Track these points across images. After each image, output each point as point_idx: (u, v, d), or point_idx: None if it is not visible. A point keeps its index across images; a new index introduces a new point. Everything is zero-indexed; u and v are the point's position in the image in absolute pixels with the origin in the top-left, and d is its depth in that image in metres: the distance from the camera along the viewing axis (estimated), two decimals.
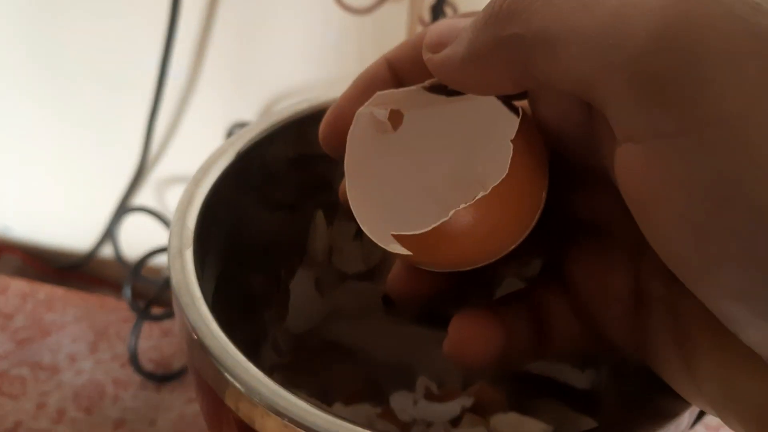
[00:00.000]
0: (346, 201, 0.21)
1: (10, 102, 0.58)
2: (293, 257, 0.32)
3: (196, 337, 0.21)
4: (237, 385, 0.20)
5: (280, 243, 0.31)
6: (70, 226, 0.64)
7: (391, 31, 0.47)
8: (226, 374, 0.20)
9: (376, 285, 0.33)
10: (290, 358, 0.32)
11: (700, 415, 0.31)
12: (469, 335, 0.22)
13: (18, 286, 0.56)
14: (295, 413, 0.19)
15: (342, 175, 0.28)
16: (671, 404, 0.21)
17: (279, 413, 0.19)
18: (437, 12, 0.44)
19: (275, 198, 0.30)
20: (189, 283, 0.22)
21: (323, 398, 0.32)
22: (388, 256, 0.24)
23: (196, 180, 0.25)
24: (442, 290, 0.23)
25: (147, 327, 0.52)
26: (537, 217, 0.20)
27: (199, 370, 0.21)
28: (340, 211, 0.32)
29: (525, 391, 0.33)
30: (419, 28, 0.45)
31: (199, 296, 0.22)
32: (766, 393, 0.16)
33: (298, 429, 0.19)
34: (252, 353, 0.21)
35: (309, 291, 0.33)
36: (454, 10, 0.45)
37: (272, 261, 0.31)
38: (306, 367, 0.33)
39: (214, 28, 0.50)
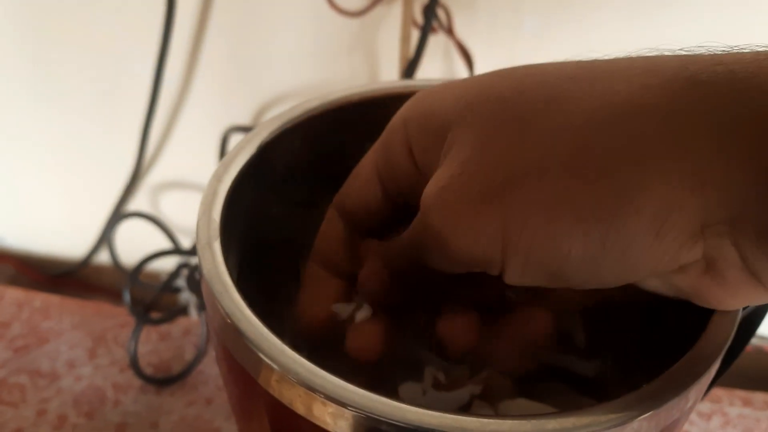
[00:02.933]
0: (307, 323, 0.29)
1: (2, 109, 0.58)
2: (310, 253, 0.33)
3: (230, 321, 0.21)
4: (272, 365, 0.20)
5: (298, 239, 0.32)
6: (64, 234, 0.64)
7: (384, 33, 0.48)
8: (261, 355, 0.21)
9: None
10: (307, 353, 0.33)
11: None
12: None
13: (13, 294, 0.56)
14: (331, 390, 0.20)
15: None
16: (675, 383, 0.21)
17: (314, 390, 0.20)
18: (429, 13, 0.45)
19: (292, 193, 0.31)
20: (220, 272, 0.23)
21: None
22: None
23: (218, 175, 0.26)
24: None
25: (145, 331, 0.53)
26: None
27: (232, 354, 0.22)
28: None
29: (532, 378, 0.34)
30: (412, 30, 0.46)
31: (230, 284, 0.22)
32: None
33: (335, 405, 0.20)
34: None
35: None
36: (446, 11, 0.46)
37: (290, 257, 0.32)
38: (321, 362, 0.33)
39: (208, 33, 0.51)
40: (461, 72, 0.48)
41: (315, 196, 0.32)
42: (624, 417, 0.20)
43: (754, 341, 0.55)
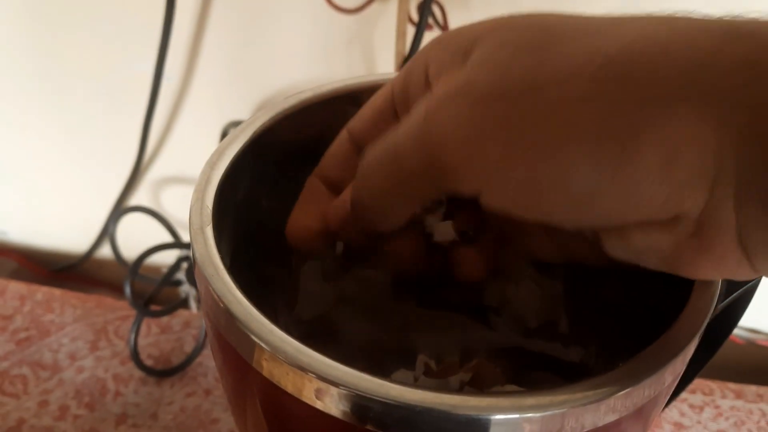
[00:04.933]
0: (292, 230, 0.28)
1: (5, 105, 0.59)
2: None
3: (222, 305, 0.22)
4: (263, 345, 0.21)
5: None
6: (66, 228, 0.65)
7: (380, 30, 0.49)
8: (253, 336, 0.21)
9: (379, 272, 0.34)
10: (300, 337, 0.34)
11: (679, 389, 0.33)
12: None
13: (16, 287, 0.57)
14: (321, 369, 0.20)
15: None
16: (651, 362, 0.22)
17: (303, 369, 0.20)
18: (425, 11, 0.45)
19: (284, 184, 0.31)
20: (212, 255, 0.23)
21: None
22: None
23: (212, 163, 0.27)
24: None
25: (146, 324, 0.54)
26: None
27: (224, 337, 0.23)
28: None
29: (520, 366, 0.35)
30: (408, 27, 0.47)
31: (222, 267, 0.23)
32: None
33: (324, 383, 0.20)
34: None
35: (317, 278, 0.34)
36: (441, 8, 0.46)
37: (283, 248, 0.33)
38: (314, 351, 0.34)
39: (208, 29, 0.52)
40: None
41: None
42: (600, 394, 0.20)
43: (745, 334, 0.55)
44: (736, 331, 0.34)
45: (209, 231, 0.24)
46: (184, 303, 0.55)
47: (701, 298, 0.24)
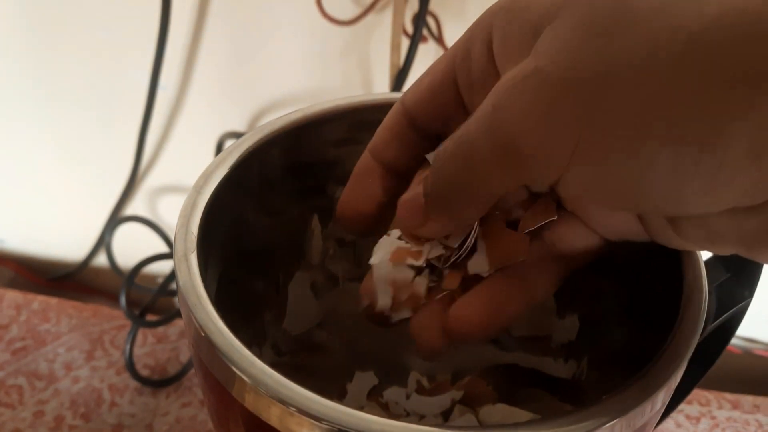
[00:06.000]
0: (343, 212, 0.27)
1: (2, 114, 0.59)
2: (291, 260, 0.34)
3: (203, 334, 0.22)
4: (244, 377, 0.21)
5: (278, 247, 0.32)
6: (63, 237, 0.65)
7: (375, 42, 0.49)
8: (233, 368, 0.21)
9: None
10: (289, 357, 0.34)
11: (674, 403, 0.32)
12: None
13: (12, 296, 0.57)
14: (300, 402, 0.20)
15: (335, 181, 0.30)
16: (646, 386, 0.22)
17: (284, 402, 0.20)
18: (419, 23, 0.45)
19: (272, 203, 0.31)
20: (195, 284, 0.23)
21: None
22: None
23: (198, 187, 0.27)
24: None
25: (142, 334, 0.54)
26: None
27: (206, 366, 0.23)
28: (334, 216, 0.33)
29: (512, 383, 0.35)
30: (403, 39, 0.47)
31: (205, 296, 0.23)
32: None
33: (303, 416, 0.20)
34: (253, 353, 0.22)
35: (305, 293, 0.34)
36: (436, 20, 0.46)
37: (271, 264, 0.32)
38: (303, 366, 0.34)
39: (203, 40, 0.52)
40: None
41: (295, 205, 0.33)
42: (584, 428, 0.20)
43: (741, 344, 0.55)
44: (733, 341, 0.34)
45: (193, 259, 0.24)
46: (179, 313, 0.55)
47: (688, 324, 0.23)
